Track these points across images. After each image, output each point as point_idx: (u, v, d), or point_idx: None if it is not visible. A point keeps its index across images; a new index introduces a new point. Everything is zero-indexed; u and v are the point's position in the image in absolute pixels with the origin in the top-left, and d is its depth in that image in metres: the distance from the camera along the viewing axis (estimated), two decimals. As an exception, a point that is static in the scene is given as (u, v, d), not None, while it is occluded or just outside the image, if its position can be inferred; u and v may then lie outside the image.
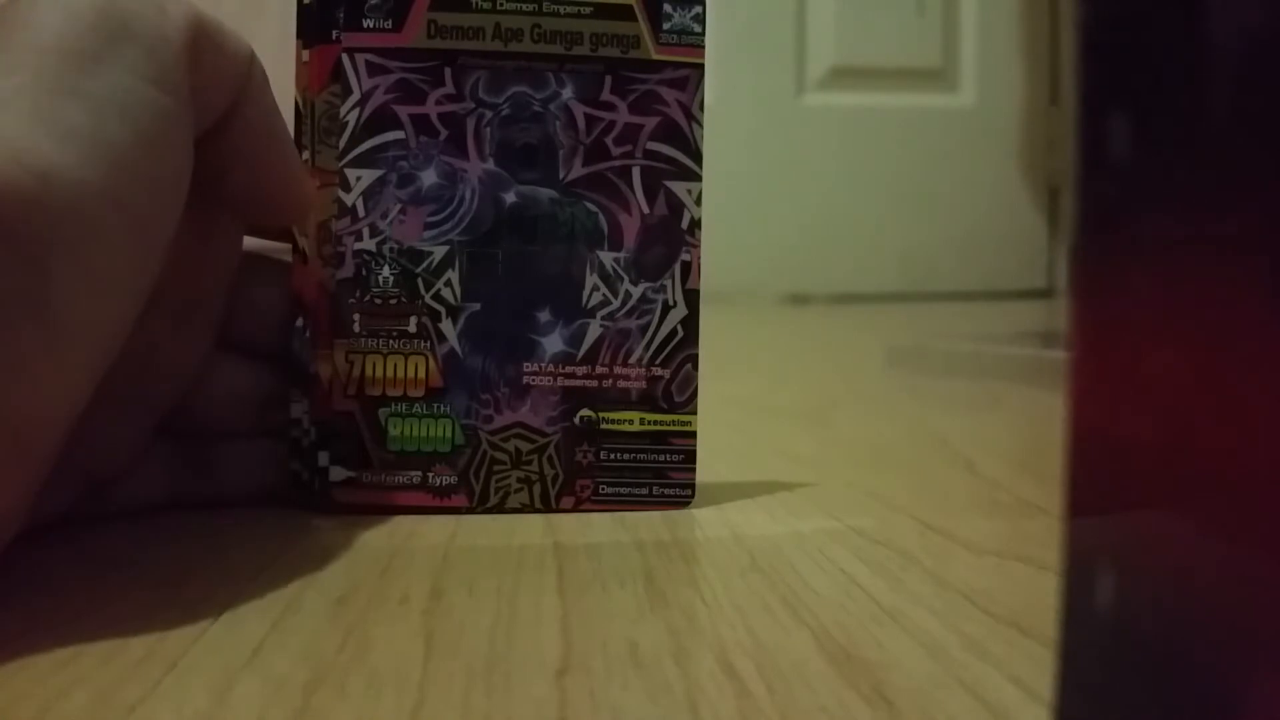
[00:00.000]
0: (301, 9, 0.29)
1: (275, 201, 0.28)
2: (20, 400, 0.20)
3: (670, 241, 0.30)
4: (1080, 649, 0.12)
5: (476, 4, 0.29)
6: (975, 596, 0.22)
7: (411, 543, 0.26)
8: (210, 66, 0.24)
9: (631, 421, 0.29)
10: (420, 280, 0.29)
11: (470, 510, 0.29)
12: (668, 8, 0.29)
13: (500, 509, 0.29)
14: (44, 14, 0.21)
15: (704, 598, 0.22)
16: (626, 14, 0.29)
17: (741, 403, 0.29)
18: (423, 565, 0.24)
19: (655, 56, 0.29)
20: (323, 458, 0.29)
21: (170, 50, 0.22)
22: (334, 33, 0.29)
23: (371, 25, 0.29)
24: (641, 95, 0.29)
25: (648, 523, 0.28)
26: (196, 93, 0.23)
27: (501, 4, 0.29)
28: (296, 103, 0.29)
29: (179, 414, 0.29)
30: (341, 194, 0.29)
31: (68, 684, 0.17)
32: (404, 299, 0.29)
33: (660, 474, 0.29)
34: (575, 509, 0.29)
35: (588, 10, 0.29)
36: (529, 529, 0.28)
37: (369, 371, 0.29)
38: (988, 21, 1.67)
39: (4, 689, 0.17)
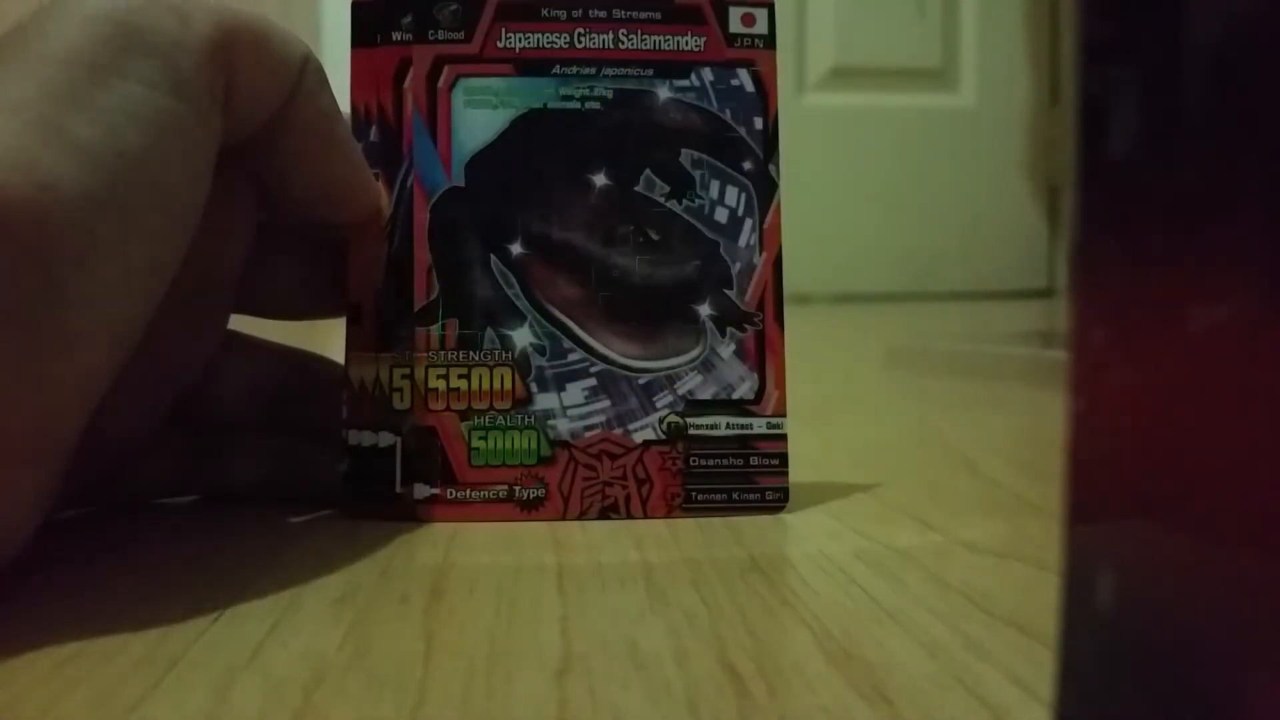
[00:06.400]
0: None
1: (337, 203, 0.28)
2: (37, 401, 0.20)
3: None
4: (1080, 650, 0.12)
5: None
6: (975, 596, 0.22)
7: (412, 543, 0.26)
8: (247, 73, 0.24)
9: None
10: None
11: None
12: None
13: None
14: (59, 25, 0.21)
15: (704, 598, 0.22)
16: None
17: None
18: (423, 565, 0.24)
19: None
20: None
21: (190, 60, 0.22)
22: None
23: None
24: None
25: (648, 523, 0.28)
26: (229, 100, 0.23)
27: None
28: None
29: (190, 403, 0.29)
30: None
31: (68, 684, 0.17)
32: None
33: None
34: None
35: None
36: (529, 529, 0.28)
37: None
38: (988, 21, 1.67)
39: (4, 689, 0.17)
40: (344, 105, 0.28)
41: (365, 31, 0.29)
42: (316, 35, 1.29)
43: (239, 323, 0.30)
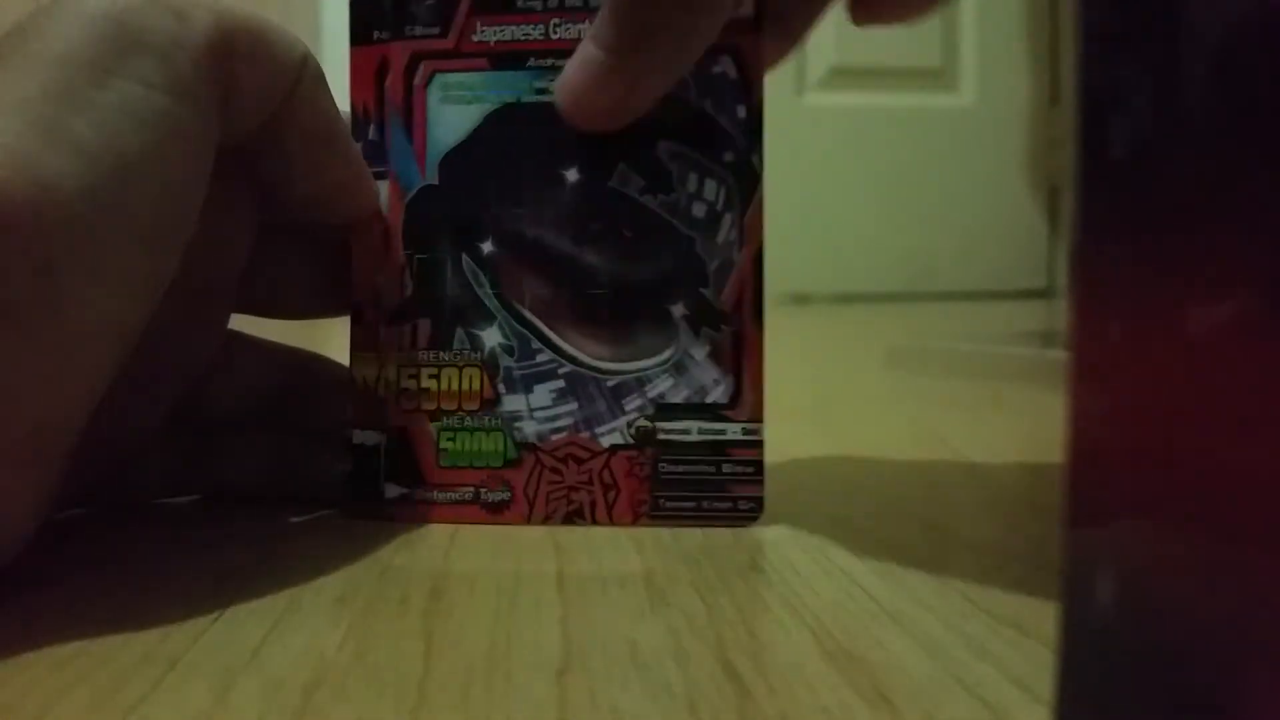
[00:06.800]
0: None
1: (336, 203, 0.28)
2: (36, 401, 0.20)
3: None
4: (1080, 650, 0.12)
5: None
6: (975, 596, 0.22)
7: (411, 543, 0.26)
8: (245, 72, 0.24)
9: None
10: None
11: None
12: None
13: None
14: (58, 24, 0.21)
15: (704, 598, 0.22)
16: None
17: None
18: (422, 565, 0.24)
19: None
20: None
21: (188, 59, 0.22)
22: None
23: None
24: None
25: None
26: (227, 99, 0.23)
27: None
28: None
29: (190, 403, 0.29)
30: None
31: (68, 684, 0.17)
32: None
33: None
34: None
35: None
36: (529, 529, 0.28)
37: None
38: (988, 21, 1.67)
39: (4, 688, 0.17)
40: (344, 105, 0.28)
41: (362, 28, 0.29)
42: (316, 35, 1.29)
43: (239, 323, 0.30)
